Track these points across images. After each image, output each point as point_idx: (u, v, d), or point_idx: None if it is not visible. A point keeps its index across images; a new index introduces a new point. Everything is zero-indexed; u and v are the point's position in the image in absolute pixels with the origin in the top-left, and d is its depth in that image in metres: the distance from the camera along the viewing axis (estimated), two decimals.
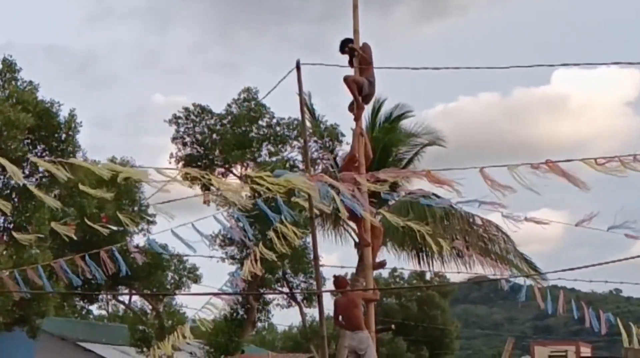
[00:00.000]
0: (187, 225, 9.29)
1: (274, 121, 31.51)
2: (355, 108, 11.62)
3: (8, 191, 24.79)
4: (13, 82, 24.44)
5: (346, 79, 11.51)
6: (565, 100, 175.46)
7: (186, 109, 31.52)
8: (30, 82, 24.98)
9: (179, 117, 31.53)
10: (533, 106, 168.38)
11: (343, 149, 29.29)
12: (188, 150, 31.66)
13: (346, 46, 11.64)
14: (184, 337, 13.91)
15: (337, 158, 28.70)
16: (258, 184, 7.62)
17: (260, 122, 31.52)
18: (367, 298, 11.18)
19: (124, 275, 12.25)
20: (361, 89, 11.48)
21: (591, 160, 6.75)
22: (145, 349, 31.38)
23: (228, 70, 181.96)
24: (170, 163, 31.50)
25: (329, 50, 12.97)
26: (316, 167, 28.96)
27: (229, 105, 31.58)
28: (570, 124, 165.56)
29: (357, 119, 11.75)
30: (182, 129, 31.50)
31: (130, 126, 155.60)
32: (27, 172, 18.01)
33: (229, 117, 31.36)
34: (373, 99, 13.38)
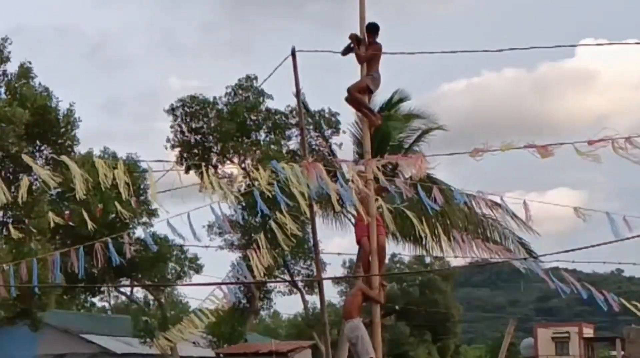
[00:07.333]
0: (182, 215, 9.27)
1: (273, 110, 31.22)
2: (365, 117, 10.98)
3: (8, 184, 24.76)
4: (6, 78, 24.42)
5: (349, 93, 10.88)
6: (590, 74, 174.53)
7: (182, 100, 31.24)
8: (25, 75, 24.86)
9: (176, 108, 31.30)
10: (558, 81, 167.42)
11: (341, 137, 29.28)
12: (186, 137, 31.40)
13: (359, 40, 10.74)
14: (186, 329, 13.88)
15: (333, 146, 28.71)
16: (253, 179, 7.59)
17: (260, 107, 31.19)
18: (372, 297, 10.59)
19: (118, 265, 12.14)
20: (369, 89, 10.91)
21: (581, 143, 6.68)
22: (148, 340, 31.45)
23: (243, 52, 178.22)
24: (166, 148, 31.25)
25: (346, 30, 12.49)
26: (314, 155, 28.86)
27: (228, 93, 31.27)
28: (595, 98, 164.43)
29: (372, 126, 10.94)
30: (179, 118, 31.26)
31: (143, 111, 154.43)
32: (24, 166, 18.02)
33: (227, 108, 31.06)
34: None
